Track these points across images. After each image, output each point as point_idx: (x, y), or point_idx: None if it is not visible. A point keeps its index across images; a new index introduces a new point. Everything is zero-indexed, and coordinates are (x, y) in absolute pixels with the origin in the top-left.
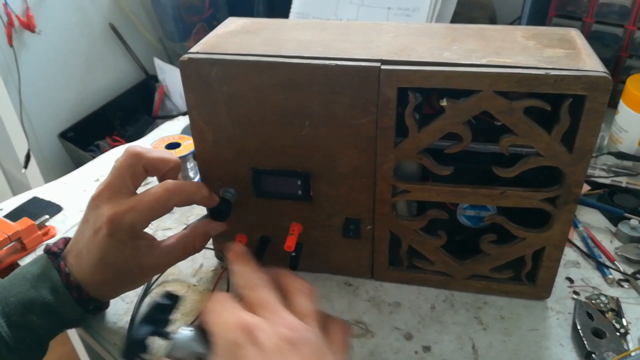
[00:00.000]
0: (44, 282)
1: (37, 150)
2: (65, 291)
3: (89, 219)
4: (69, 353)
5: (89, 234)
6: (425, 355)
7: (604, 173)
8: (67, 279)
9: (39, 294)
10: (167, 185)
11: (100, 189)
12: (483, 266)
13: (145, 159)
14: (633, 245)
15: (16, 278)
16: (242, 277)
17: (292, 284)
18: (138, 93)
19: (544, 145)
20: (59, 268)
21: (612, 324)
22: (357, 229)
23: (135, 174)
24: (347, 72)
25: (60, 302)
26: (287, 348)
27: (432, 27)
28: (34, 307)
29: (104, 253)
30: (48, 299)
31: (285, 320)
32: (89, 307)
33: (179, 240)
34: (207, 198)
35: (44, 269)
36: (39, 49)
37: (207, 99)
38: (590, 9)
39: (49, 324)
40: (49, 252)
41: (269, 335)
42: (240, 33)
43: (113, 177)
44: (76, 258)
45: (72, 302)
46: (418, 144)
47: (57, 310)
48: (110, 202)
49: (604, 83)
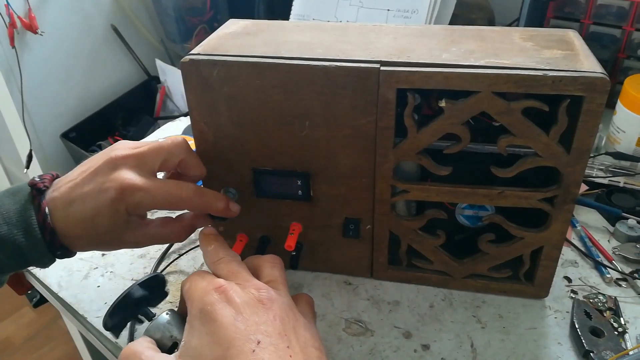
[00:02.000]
0: (18, 220)
1: (39, 151)
2: (39, 235)
3: (100, 172)
4: (71, 352)
5: (93, 187)
6: (424, 353)
7: (602, 173)
8: (43, 222)
9: (11, 232)
10: (190, 193)
11: (128, 154)
12: (482, 265)
13: (186, 155)
14: (631, 245)
15: None
16: (212, 254)
17: (260, 259)
18: (140, 94)
19: (542, 145)
20: (39, 207)
21: (610, 323)
22: (357, 228)
23: (169, 162)
24: (347, 73)
25: (31, 244)
26: (258, 305)
27: (431, 29)
28: (3, 245)
29: (97, 213)
30: (19, 240)
31: (256, 284)
32: (57, 253)
33: (166, 227)
34: (223, 210)
35: (22, 206)
36: (41, 50)
37: (208, 100)
38: (588, 11)
39: (13, 262)
40: (34, 186)
41: (240, 294)
42: (241, 34)
43: (148, 151)
44: (66, 204)
45: (43, 246)
46: (417, 144)
47: (25, 251)
48: (133, 171)
49: (601, 84)
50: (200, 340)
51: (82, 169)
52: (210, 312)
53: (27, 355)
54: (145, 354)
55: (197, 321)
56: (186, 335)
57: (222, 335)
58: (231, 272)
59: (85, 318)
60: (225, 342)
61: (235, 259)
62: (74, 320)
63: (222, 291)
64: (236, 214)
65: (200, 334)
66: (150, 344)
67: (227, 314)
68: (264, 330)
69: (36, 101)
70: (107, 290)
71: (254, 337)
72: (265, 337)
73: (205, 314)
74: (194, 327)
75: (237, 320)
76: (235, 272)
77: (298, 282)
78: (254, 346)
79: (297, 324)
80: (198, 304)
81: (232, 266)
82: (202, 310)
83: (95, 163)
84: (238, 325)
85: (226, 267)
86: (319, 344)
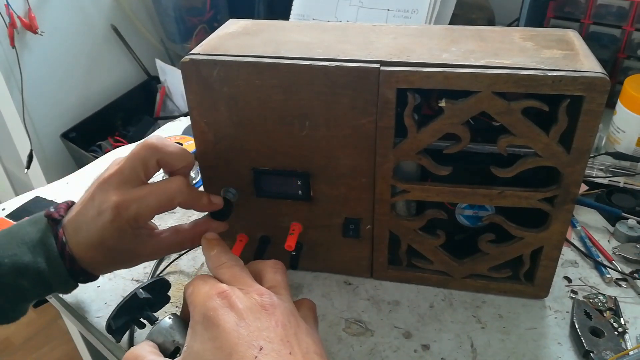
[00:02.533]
0: (40, 248)
1: (40, 151)
2: (60, 261)
3: (95, 197)
4: (71, 352)
5: (93, 213)
6: (424, 353)
7: (602, 173)
8: (62, 249)
9: (34, 260)
10: (176, 182)
11: (111, 173)
12: (481, 265)
13: (160, 154)
14: (631, 245)
15: (13, 238)
16: (215, 259)
17: (263, 263)
18: (140, 94)
19: (542, 145)
20: (57, 235)
21: (610, 323)
22: (357, 228)
23: (148, 166)
24: (347, 73)
25: (53, 271)
26: (261, 311)
27: (431, 29)
28: (27, 272)
29: (103, 236)
30: (42, 267)
31: (259, 290)
32: (80, 278)
33: (178, 234)
34: (207, 205)
35: (42, 234)
36: (41, 50)
37: (208, 100)
38: (588, 10)
39: (37, 289)
40: (50, 217)
41: (243, 300)
42: (241, 34)
43: (125, 164)
44: (75, 231)
45: (65, 272)
46: (417, 144)
47: (48, 278)
48: (119, 188)
49: (601, 84)
50: (203, 345)
51: (84, 195)
52: (212, 317)
53: (27, 355)
54: (147, 358)
55: (199, 326)
56: (188, 340)
57: (224, 340)
58: (233, 277)
59: (85, 318)
60: (228, 347)
61: (237, 264)
62: (74, 320)
63: (225, 296)
64: (219, 205)
65: (202, 339)
66: (153, 348)
67: (230, 319)
68: (267, 336)
69: (36, 101)
70: (107, 291)
71: (256, 343)
72: (267, 343)
73: (208, 319)
74: (197, 332)
75: (239, 326)
76: (238, 276)
77: (298, 282)
78: (256, 352)
79: (299, 329)
80: (201, 309)
81: (235, 271)
82: (204, 316)
83: (92, 187)
84: (240, 331)
85: (228, 272)
86: (321, 350)
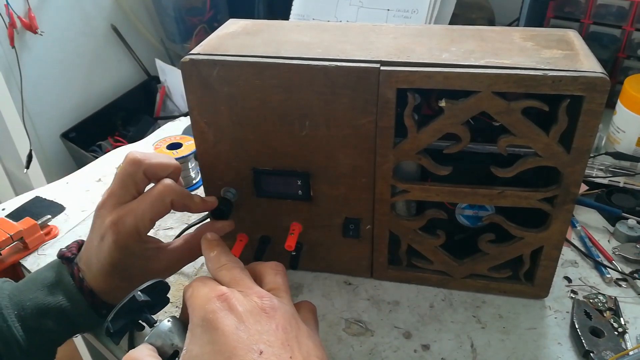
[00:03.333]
0: (59, 287)
1: (40, 151)
2: (80, 297)
3: (95, 227)
4: (71, 352)
5: (97, 242)
6: (424, 353)
7: (602, 173)
8: (80, 285)
9: (55, 299)
10: (164, 182)
11: (104, 199)
12: (481, 265)
13: (144, 166)
14: (631, 245)
15: (32, 282)
16: (214, 260)
17: (263, 265)
18: (140, 94)
19: (542, 145)
20: (73, 274)
21: (610, 323)
22: (357, 228)
23: (137, 181)
24: (347, 73)
25: (75, 307)
26: (261, 314)
27: (431, 29)
28: (49, 312)
29: (112, 259)
30: (64, 305)
31: (259, 292)
32: (102, 312)
33: (187, 243)
34: (201, 203)
35: (58, 274)
36: (41, 50)
37: (208, 100)
38: (588, 10)
39: (63, 329)
40: (63, 257)
41: (243, 303)
42: (241, 34)
43: (115, 185)
44: (87, 265)
45: (87, 307)
46: (417, 144)
47: (71, 315)
48: (115, 209)
49: (601, 84)
50: (202, 348)
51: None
52: (212, 320)
53: None
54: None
55: (198, 329)
56: (188, 344)
57: (223, 344)
58: (233, 279)
59: None
60: (227, 351)
61: (237, 265)
62: None
63: (225, 299)
64: (214, 204)
65: (201, 342)
66: (152, 351)
67: (229, 322)
68: (267, 339)
69: (36, 101)
70: None
71: (256, 346)
72: (267, 346)
73: (207, 322)
74: (196, 335)
75: (239, 329)
76: (238, 279)
77: (298, 282)
78: (256, 356)
79: (300, 333)
80: (200, 311)
81: (235, 273)
82: (204, 318)
83: (92, 222)
84: (240, 335)
85: (228, 274)
86: (322, 354)
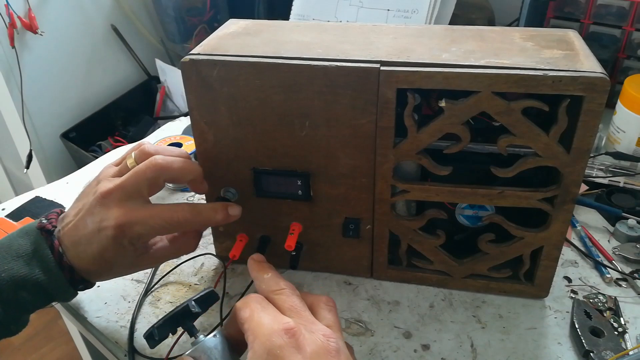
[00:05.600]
0: (37, 260)
1: (39, 151)
2: (59, 272)
3: (95, 212)
4: (71, 352)
5: (92, 228)
6: (424, 353)
7: (602, 173)
8: (60, 259)
9: (31, 272)
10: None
11: (112, 188)
12: (481, 265)
13: (168, 173)
14: (631, 245)
15: (6, 251)
16: (272, 283)
17: (316, 297)
18: (140, 94)
19: (542, 145)
20: (52, 247)
21: (610, 323)
22: (357, 228)
23: (153, 186)
24: (347, 73)
25: (53, 281)
26: (327, 355)
27: (431, 29)
28: (26, 284)
29: (104, 251)
30: (41, 278)
31: (324, 331)
32: (79, 287)
33: (174, 241)
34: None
35: (36, 245)
36: (41, 50)
37: (208, 100)
38: (588, 11)
39: (38, 300)
40: (43, 229)
41: (309, 341)
42: (241, 34)
43: (128, 181)
44: (74, 245)
45: (64, 282)
46: (417, 144)
47: (48, 288)
48: (122, 205)
49: (601, 84)
50: None
51: (78, 208)
52: (279, 356)
53: (27, 355)
54: None
55: None
56: None
57: None
58: (293, 309)
59: (85, 318)
60: None
61: (295, 293)
62: (73, 320)
63: (293, 334)
64: (238, 216)
65: None
66: None
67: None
68: None
69: (36, 101)
70: (107, 290)
71: None
72: None
73: (273, 357)
74: None
75: None
76: (298, 309)
77: (298, 282)
78: None
79: None
80: (265, 343)
81: (294, 301)
82: (269, 352)
83: (87, 201)
84: None
85: (288, 301)
86: None
